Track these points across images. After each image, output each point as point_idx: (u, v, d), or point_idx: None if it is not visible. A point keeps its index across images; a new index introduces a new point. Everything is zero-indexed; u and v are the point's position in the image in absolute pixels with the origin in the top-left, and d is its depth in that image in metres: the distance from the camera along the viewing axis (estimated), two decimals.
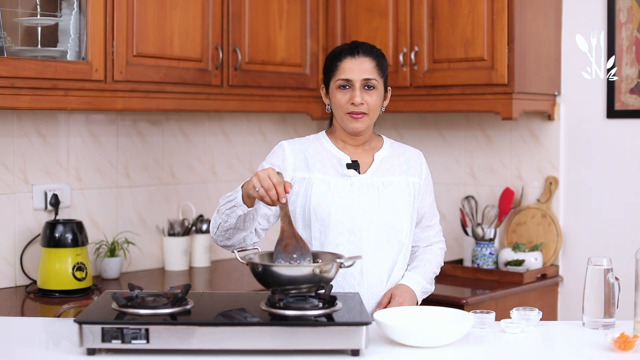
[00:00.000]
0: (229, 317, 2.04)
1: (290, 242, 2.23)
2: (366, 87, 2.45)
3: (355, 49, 2.49)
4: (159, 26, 3.25)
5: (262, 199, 2.20)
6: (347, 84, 2.45)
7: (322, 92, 2.57)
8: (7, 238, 3.24)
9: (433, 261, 2.59)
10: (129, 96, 3.17)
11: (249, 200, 2.28)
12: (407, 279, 2.50)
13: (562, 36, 3.59)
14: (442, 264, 2.65)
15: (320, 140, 2.55)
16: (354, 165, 2.48)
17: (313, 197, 2.45)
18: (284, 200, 2.19)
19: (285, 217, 2.23)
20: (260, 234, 2.46)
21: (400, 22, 3.64)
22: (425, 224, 2.60)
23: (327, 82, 2.53)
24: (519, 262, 3.52)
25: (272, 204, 2.20)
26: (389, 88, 2.56)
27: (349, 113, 2.45)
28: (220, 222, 2.37)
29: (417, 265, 2.56)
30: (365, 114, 2.45)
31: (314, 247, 2.44)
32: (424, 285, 2.52)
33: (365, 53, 2.48)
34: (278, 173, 2.22)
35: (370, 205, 2.44)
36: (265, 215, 2.48)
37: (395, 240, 2.47)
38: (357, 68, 2.45)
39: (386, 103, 2.55)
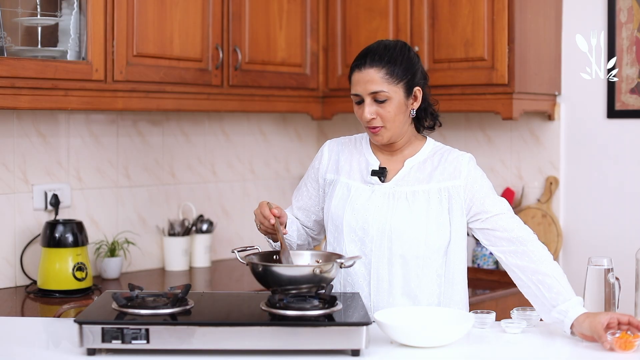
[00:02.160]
0: (229, 317, 2.04)
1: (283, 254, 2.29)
2: (376, 100, 2.31)
3: (363, 58, 2.33)
4: (159, 26, 3.25)
5: (266, 232, 2.34)
6: (358, 99, 2.35)
7: None
8: (7, 238, 3.24)
9: (556, 273, 2.28)
10: (129, 96, 3.17)
11: (277, 237, 2.38)
12: (577, 306, 2.21)
13: (562, 36, 3.59)
14: (552, 256, 2.34)
15: (360, 142, 2.48)
16: (379, 173, 2.38)
17: (332, 201, 2.42)
18: (272, 221, 2.27)
19: (279, 235, 2.30)
20: (317, 238, 2.56)
21: (401, 22, 3.64)
22: (492, 213, 2.34)
23: None
24: None
25: (272, 230, 2.30)
26: (418, 89, 2.37)
27: (367, 127, 2.36)
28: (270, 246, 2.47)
29: (556, 291, 2.24)
30: (382, 126, 2.33)
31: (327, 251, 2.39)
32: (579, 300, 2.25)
33: (372, 63, 2.31)
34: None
35: (386, 216, 2.34)
36: (312, 223, 2.55)
37: (412, 255, 2.33)
38: (363, 82, 2.31)
39: (416, 105, 2.38)
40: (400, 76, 2.32)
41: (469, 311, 2.45)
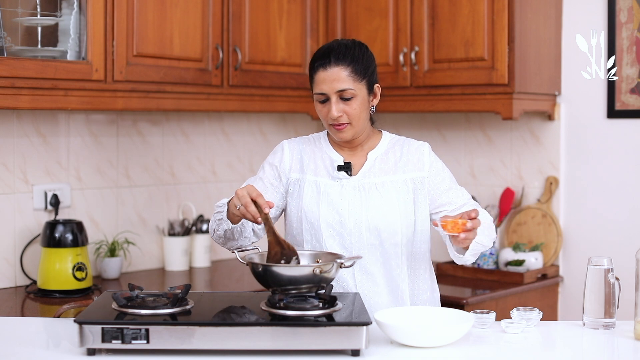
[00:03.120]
0: (229, 317, 2.04)
1: (277, 250, 2.24)
2: (342, 98, 2.36)
3: (327, 57, 2.36)
4: (159, 26, 3.25)
5: (244, 216, 2.22)
6: (323, 98, 2.38)
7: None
8: (7, 238, 3.24)
9: (486, 218, 2.37)
10: (129, 96, 3.17)
11: (234, 217, 2.29)
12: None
13: (562, 36, 3.59)
14: (494, 226, 2.43)
15: (319, 140, 2.52)
16: (345, 167, 2.43)
17: (304, 200, 2.43)
18: (266, 211, 2.19)
19: (270, 230, 2.23)
20: (259, 234, 2.44)
21: (401, 22, 3.64)
22: (455, 207, 2.42)
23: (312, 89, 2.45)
24: (520, 262, 3.51)
25: (255, 220, 2.19)
26: (377, 85, 2.45)
27: (331, 125, 2.39)
28: (214, 228, 2.40)
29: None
30: (347, 123, 2.38)
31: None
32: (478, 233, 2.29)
33: (337, 61, 2.35)
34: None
35: (361, 208, 2.39)
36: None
37: (390, 244, 2.39)
38: (330, 80, 2.35)
39: (376, 101, 2.45)
40: (363, 74, 2.39)
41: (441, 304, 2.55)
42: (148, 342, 1.92)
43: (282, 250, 2.23)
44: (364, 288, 2.40)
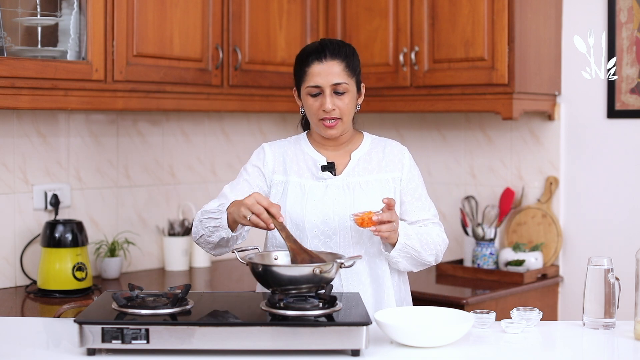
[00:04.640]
0: (229, 317, 2.04)
1: (304, 257, 2.22)
2: (336, 92, 2.38)
3: (322, 52, 2.40)
4: (159, 26, 3.25)
5: (256, 226, 2.18)
6: (317, 91, 2.40)
7: (295, 95, 2.51)
8: (7, 238, 3.24)
9: (430, 231, 2.43)
10: (129, 96, 3.17)
11: (234, 224, 2.26)
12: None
13: (562, 36, 3.59)
14: (441, 246, 2.45)
15: (299, 142, 2.52)
16: (329, 167, 2.43)
17: (288, 202, 2.42)
18: (281, 219, 2.17)
19: (289, 237, 2.22)
20: (244, 235, 2.39)
21: (401, 22, 3.64)
22: (411, 220, 2.47)
23: (298, 86, 2.47)
24: (520, 262, 3.51)
25: (267, 228, 2.17)
26: (363, 85, 2.49)
27: (321, 120, 2.40)
28: (202, 234, 2.33)
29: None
30: (338, 119, 2.39)
31: None
32: (410, 235, 2.35)
33: (333, 56, 2.39)
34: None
35: (345, 207, 2.40)
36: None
37: (374, 242, 2.40)
38: (325, 73, 2.38)
39: (361, 100, 2.48)
40: (354, 70, 2.44)
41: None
42: (148, 342, 1.92)
43: (310, 258, 2.22)
44: (351, 287, 2.41)
